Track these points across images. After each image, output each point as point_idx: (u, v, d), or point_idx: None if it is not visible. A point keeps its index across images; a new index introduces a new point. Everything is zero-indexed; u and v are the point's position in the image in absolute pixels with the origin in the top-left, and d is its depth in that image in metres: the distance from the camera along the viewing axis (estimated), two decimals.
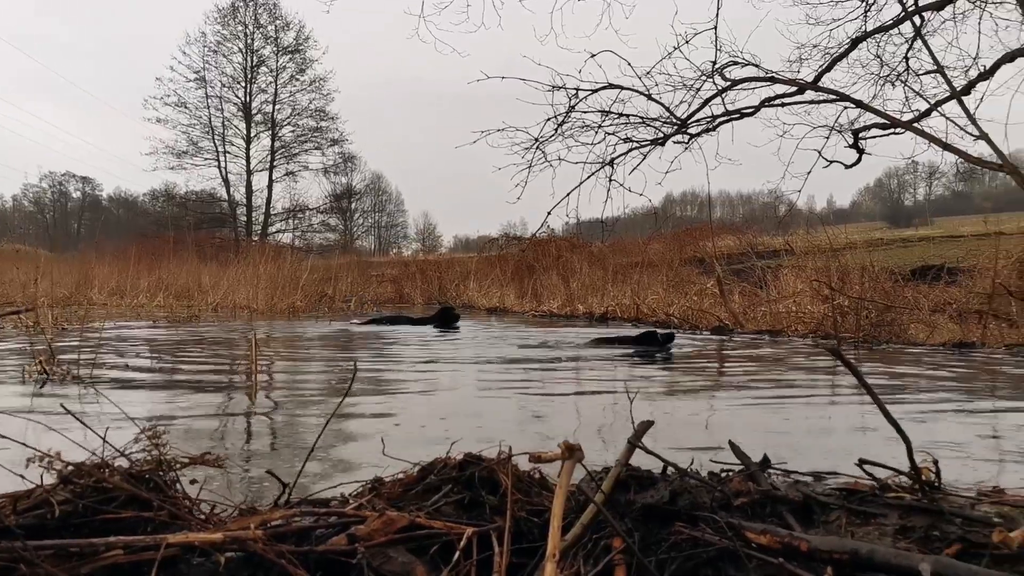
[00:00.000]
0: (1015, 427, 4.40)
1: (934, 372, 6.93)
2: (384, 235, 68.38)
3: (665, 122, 9.96)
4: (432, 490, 1.95)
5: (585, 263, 21.58)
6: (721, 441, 2.91)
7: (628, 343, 9.49)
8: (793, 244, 17.58)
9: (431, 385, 5.97)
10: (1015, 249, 13.15)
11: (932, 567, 1.80)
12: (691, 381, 6.61)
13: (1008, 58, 8.85)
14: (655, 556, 1.90)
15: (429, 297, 26.12)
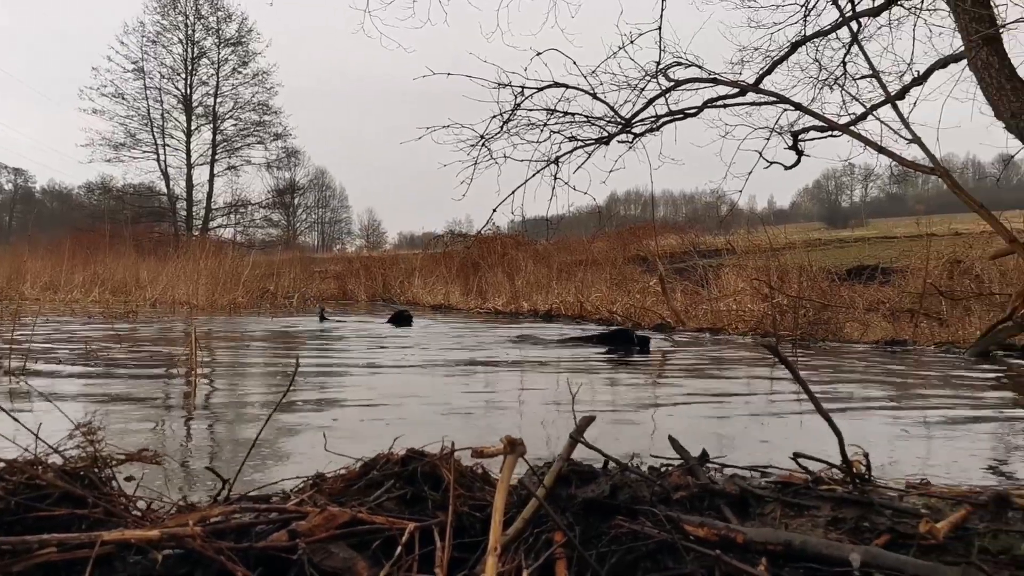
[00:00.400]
0: (943, 422, 4.55)
1: (867, 369, 7.11)
2: (328, 231, 67.70)
3: (610, 121, 10.04)
4: (374, 485, 1.94)
5: (530, 261, 21.66)
6: (662, 437, 2.96)
7: (599, 342, 9.48)
8: (734, 244, 17.88)
9: (378, 382, 5.94)
10: (945, 250, 13.55)
11: (862, 557, 1.86)
12: (631, 376, 6.68)
13: (941, 64, 9.12)
14: (596, 549, 1.93)
15: (373, 294, 25.93)
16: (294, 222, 61.56)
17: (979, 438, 4.07)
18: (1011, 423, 4.55)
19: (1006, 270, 11.45)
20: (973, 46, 7.91)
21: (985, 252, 11.16)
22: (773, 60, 10.16)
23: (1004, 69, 7.80)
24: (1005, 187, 12.77)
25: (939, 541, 1.98)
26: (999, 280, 11.52)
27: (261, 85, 54.09)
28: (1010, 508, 2.13)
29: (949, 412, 4.91)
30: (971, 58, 8.01)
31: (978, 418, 4.66)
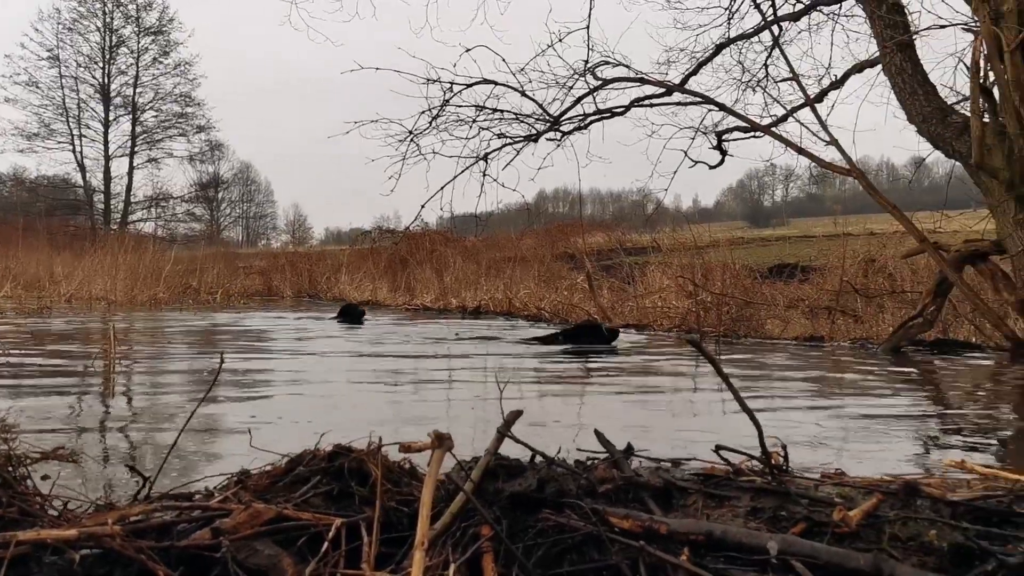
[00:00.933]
0: (857, 415, 4.71)
1: (787, 364, 7.32)
2: (252, 226, 66.30)
3: (538, 119, 10.10)
4: (301, 482, 1.93)
5: (459, 257, 21.62)
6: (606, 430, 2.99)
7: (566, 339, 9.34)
8: (660, 242, 18.15)
9: (307, 377, 5.87)
10: (861, 249, 13.99)
11: (779, 545, 1.91)
12: (561, 371, 6.75)
13: (857, 68, 9.42)
14: (522, 543, 1.95)
15: (299, 290, 25.55)
16: (218, 217, 60.18)
17: (890, 430, 4.22)
18: (918, 415, 4.74)
19: (917, 268, 11.88)
20: (888, 52, 8.19)
21: (898, 251, 11.56)
22: (698, 61, 10.36)
23: (916, 75, 8.10)
24: (917, 189, 13.25)
25: (852, 529, 2.05)
26: (911, 278, 11.95)
27: (183, 76, 52.67)
28: (919, 496, 2.22)
29: (863, 405, 5.08)
30: (886, 63, 8.29)
31: (889, 410, 4.84)
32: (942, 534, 2.02)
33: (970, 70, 7.31)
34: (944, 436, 4.08)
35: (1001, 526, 2.06)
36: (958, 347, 8.43)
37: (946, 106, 8.02)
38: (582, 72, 9.94)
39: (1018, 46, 6.99)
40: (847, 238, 13.95)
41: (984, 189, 7.68)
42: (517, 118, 10.10)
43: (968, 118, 7.44)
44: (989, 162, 7.21)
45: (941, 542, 1.99)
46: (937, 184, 11.06)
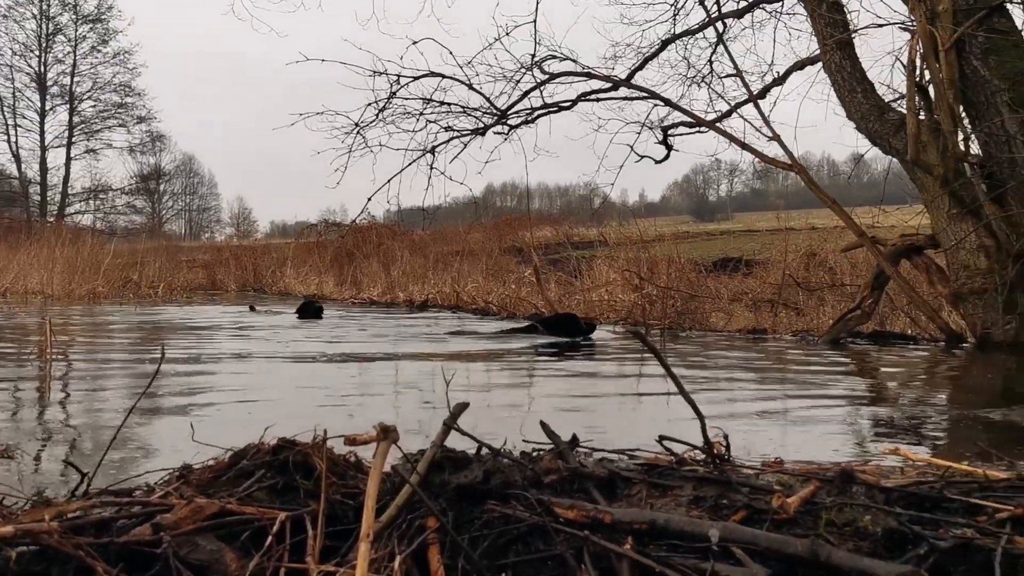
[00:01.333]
0: (797, 404, 4.81)
1: (731, 356, 7.44)
2: (196, 219, 65.09)
3: (486, 112, 10.10)
4: (244, 476, 1.91)
5: (406, 251, 21.51)
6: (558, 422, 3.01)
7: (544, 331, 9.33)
8: (607, 236, 18.28)
9: (248, 371, 5.80)
10: (802, 244, 14.29)
11: (720, 533, 1.95)
12: (502, 367, 6.77)
13: (799, 66, 9.60)
14: (468, 534, 1.96)
15: (244, 284, 25.19)
16: (160, 209, 59.01)
17: (829, 419, 4.32)
18: (856, 405, 4.86)
19: (856, 262, 12.17)
20: (828, 49, 8.35)
21: (838, 245, 11.82)
22: (644, 56, 10.44)
23: (855, 72, 8.28)
24: (856, 184, 13.55)
25: (790, 515, 2.10)
26: (850, 272, 12.23)
27: (123, 65, 51.44)
28: (854, 483, 2.28)
29: (803, 395, 5.20)
30: (826, 61, 8.46)
31: (828, 401, 4.95)
32: (876, 519, 2.07)
33: (906, 68, 7.50)
34: (879, 425, 4.19)
35: (933, 511, 2.13)
36: (894, 339, 8.66)
37: (883, 103, 8.21)
38: (529, 66, 9.97)
39: (953, 45, 7.19)
40: (789, 233, 14.22)
41: (919, 185, 7.89)
42: (464, 111, 10.09)
43: (904, 115, 7.63)
44: (924, 158, 7.40)
45: (875, 527, 2.05)
46: (875, 180, 11.35)
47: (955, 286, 7.69)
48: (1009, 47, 7.33)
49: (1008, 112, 7.19)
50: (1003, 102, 7.22)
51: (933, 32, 7.19)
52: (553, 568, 1.91)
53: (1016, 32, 7.48)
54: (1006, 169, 7.28)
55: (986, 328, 7.46)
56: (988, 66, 7.30)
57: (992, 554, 1.86)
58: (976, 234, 7.37)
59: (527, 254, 17.52)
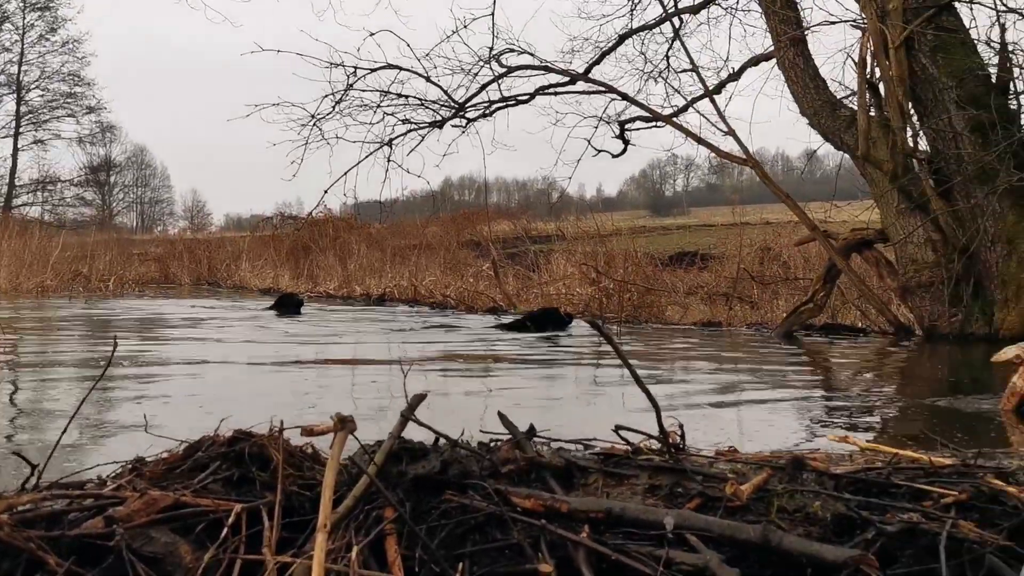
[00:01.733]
0: (751, 394, 4.89)
1: (687, 348, 7.52)
2: (148, 212, 63.94)
3: (443, 105, 10.07)
4: (200, 468, 1.89)
5: (363, 244, 21.38)
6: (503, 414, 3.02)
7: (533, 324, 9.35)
8: (564, 230, 18.36)
9: (203, 359, 5.73)
10: (757, 238, 14.49)
11: (675, 520, 1.98)
12: (463, 360, 6.77)
13: (753, 62, 9.72)
14: (426, 524, 1.96)
15: (198, 277, 24.85)
16: (110, 201, 57.88)
17: (781, 408, 4.40)
18: (807, 395, 4.96)
19: (809, 256, 12.37)
20: (782, 46, 8.47)
21: (791, 240, 12.00)
22: (602, 51, 10.49)
23: (808, 69, 8.41)
24: (809, 179, 13.76)
25: (743, 502, 2.14)
26: (803, 266, 12.43)
27: (72, 54, 50.29)
28: (805, 470, 2.32)
29: (757, 385, 5.28)
30: (780, 57, 8.58)
31: (781, 391, 5.04)
32: (826, 505, 2.12)
33: (858, 65, 7.64)
34: (830, 413, 4.28)
35: (880, 496, 2.18)
36: (845, 331, 8.82)
37: (835, 100, 8.35)
38: (487, 59, 9.96)
39: (902, 43, 7.33)
40: (744, 227, 14.41)
41: (870, 180, 8.04)
42: (422, 104, 10.05)
43: (856, 112, 7.77)
44: (874, 154, 7.55)
45: (825, 513, 2.09)
46: (828, 175, 11.55)
47: (903, 279, 7.86)
48: (957, 45, 7.50)
49: (955, 109, 7.36)
50: (950, 99, 7.38)
51: (883, 30, 7.32)
52: (510, 557, 1.92)
53: (963, 30, 7.65)
54: (953, 165, 7.45)
55: (933, 320, 7.64)
56: (936, 64, 7.46)
57: (937, 538, 1.91)
58: (924, 228, 7.54)
59: (485, 248, 17.53)
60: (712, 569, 1.81)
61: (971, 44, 7.63)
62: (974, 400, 4.32)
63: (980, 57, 7.62)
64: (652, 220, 38.32)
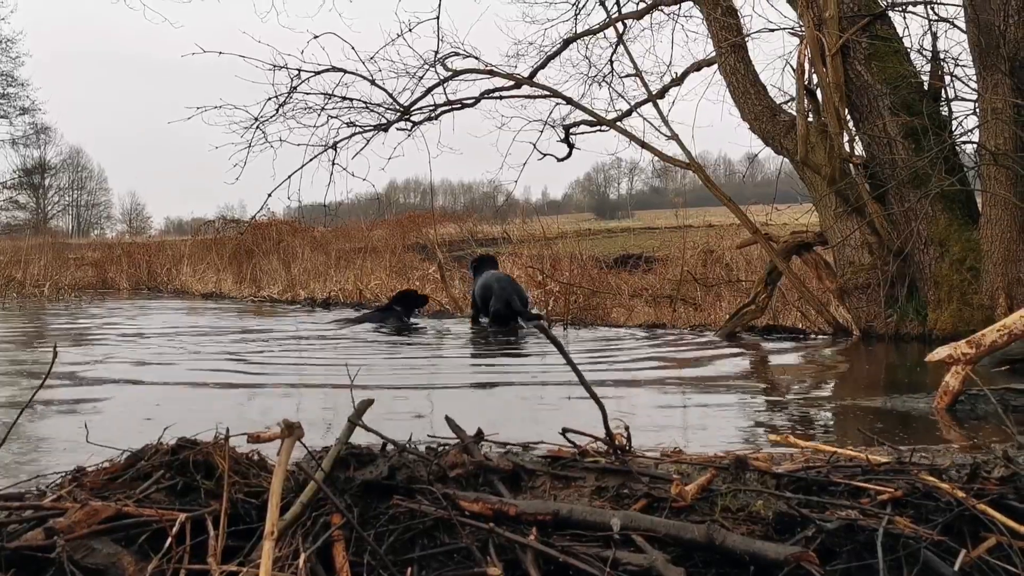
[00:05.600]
0: (695, 396, 4.96)
1: (632, 350, 7.60)
2: (84, 215, 62.38)
3: (388, 108, 10.01)
4: (142, 477, 1.86)
5: (307, 247, 21.12)
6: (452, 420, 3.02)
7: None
8: (510, 232, 18.40)
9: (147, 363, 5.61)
10: (700, 241, 14.68)
11: (621, 521, 2.01)
12: (415, 361, 6.76)
13: (696, 67, 9.85)
14: (374, 529, 1.96)
15: (137, 282, 24.30)
16: (45, 205, 56.36)
17: (725, 409, 4.48)
18: (750, 396, 5.05)
19: (751, 259, 12.57)
20: (723, 52, 8.61)
21: (734, 242, 12.18)
22: (547, 55, 10.53)
23: (749, 75, 8.55)
24: (751, 183, 14.01)
25: (688, 502, 2.18)
26: (745, 268, 12.63)
27: (5, 54, 48.85)
28: (748, 470, 2.38)
29: (701, 387, 5.36)
30: (721, 63, 8.72)
31: (724, 392, 5.13)
32: (768, 504, 2.17)
33: (796, 72, 7.79)
34: (772, 414, 4.37)
35: (820, 494, 2.24)
36: (786, 332, 8.98)
37: (775, 105, 8.51)
38: (432, 63, 9.94)
39: (839, 50, 7.51)
40: (687, 230, 14.59)
41: (808, 184, 8.21)
42: (367, 107, 9.99)
43: (795, 117, 7.93)
44: (813, 159, 7.71)
45: (767, 511, 2.14)
46: (769, 179, 11.77)
47: (841, 281, 8.04)
48: (890, 53, 7.71)
49: (889, 115, 7.56)
50: (885, 106, 7.58)
51: (820, 38, 7.49)
52: (459, 561, 1.93)
53: (897, 39, 7.87)
54: (887, 169, 7.65)
55: (869, 321, 7.83)
56: (871, 71, 7.65)
57: (875, 534, 1.97)
58: (860, 231, 7.72)
59: (431, 251, 17.47)
60: (658, 569, 1.84)
61: (904, 52, 7.85)
62: (909, 399, 4.44)
63: (913, 65, 7.85)
64: (597, 223, 38.54)
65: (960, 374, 4.15)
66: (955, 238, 7.30)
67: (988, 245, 6.97)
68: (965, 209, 7.46)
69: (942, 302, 7.30)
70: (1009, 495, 2.16)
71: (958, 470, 2.32)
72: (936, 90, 7.74)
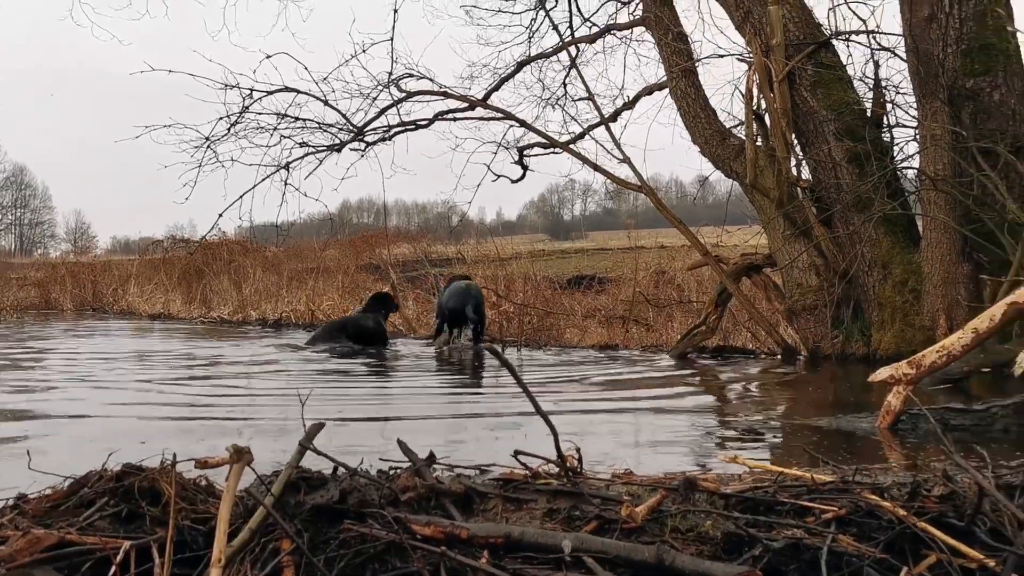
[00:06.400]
0: (648, 417, 5.00)
1: (584, 370, 7.64)
2: (27, 234, 61.05)
3: (342, 129, 9.99)
4: (86, 504, 1.83)
5: (259, 268, 20.88)
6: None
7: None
8: (464, 253, 18.38)
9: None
10: (652, 262, 14.84)
11: (572, 543, 2.02)
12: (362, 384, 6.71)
13: (647, 91, 10.01)
14: (324, 554, 1.94)
15: (82, 303, 23.79)
16: None
17: (676, 429, 4.53)
18: (700, 416, 5.11)
19: (702, 280, 12.73)
20: (674, 77, 8.76)
21: (685, 264, 12.32)
22: (501, 78, 10.61)
23: (699, 99, 8.71)
24: (702, 205, 14.22)
25: (638, 524, 2.20)
26: (696, 289, 12.79)
27: None
28: (697, 491, 2.40)
29: (652, 407, 5.41)
30: (672, 87, 8.87)
31: (675, 414, 5.18)
32: (717, 524, 2.20)
33: (745, 97, 7.96)
34: (722, 434, 4.42)
35: (767, 514, 2.27)
36: (736, 352, 9.11)
37: (725, 129, 8.67)
38: (386, 84, 9.95)
39: (785, 77, 7.69)
40: (640, 251, 14.74)
41: (758, 207, 8.36)
42: (320, 127, 9.95)
43: (744, 141, 8.09)
44: (761, 182, 7.87)
45: (716, 531, 2.17)
46: (719, 201, 11.94)
47: (789, 302, 8.19)
48: (835, 81, 7.91)
49: (834, 140, 7.75)
50: (830, 131, 7.77)
51: (768, 64, 7.67)
52: None
53: (841, 67, 8.08)
54: (833, 193, 7.83)
55: (817, 342, 7.98)
56: (817, 97, 7.84)
57: (819, 552, 2.01)
58: (808, 254, 7.88)
59: (384, 271, 17.40)
60: None
61: (848, 80, 8.06)
62: (853, 419, 4.53)
63: (856, 92, 8.06)
64: (551, 244, 38.70)
65: (902, 394, 4.25)
66: (897, 261, 7.48)
67: (928, 267, 7.15)
68: (907, 232, 7.66)
69: (885, 323, 7.46)
70: (949, 513, 2.21)
71: (899, 488, 2.37)
72: (878, 117, 7.95)
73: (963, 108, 7.11)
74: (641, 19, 9.40)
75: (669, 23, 8.81)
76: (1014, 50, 7.08)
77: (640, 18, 9.46)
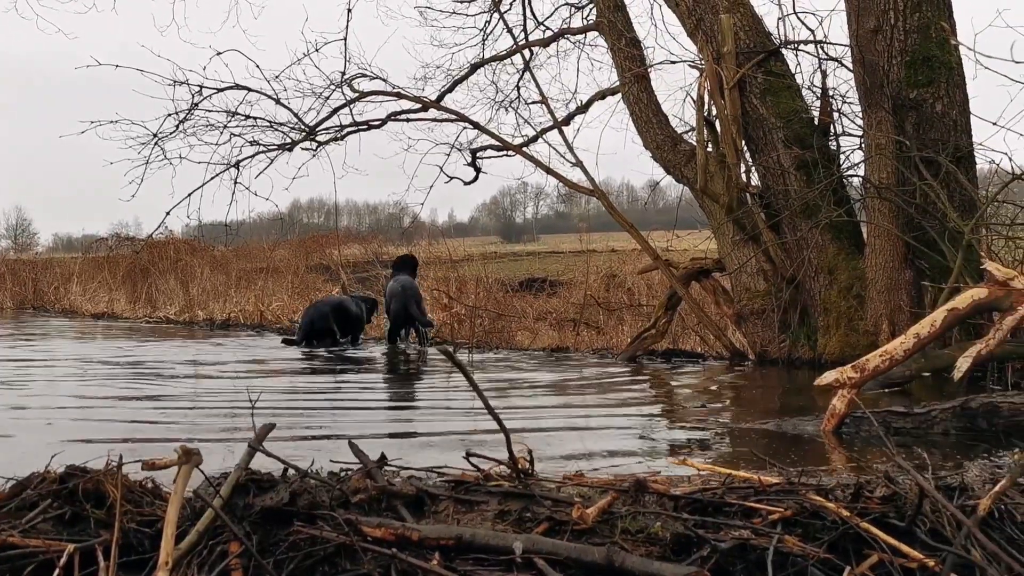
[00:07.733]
0: (598, 420, 5.04)
1: (535, 373, 7.67)
2: None
3: (293, 128, 9.90)
4: (29, 507, 1.79)
5: (207, 267, 20.56)
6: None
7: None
8: (416, 255, 18.27)
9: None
10: (603, 265, 14.94)
11: (523, 544, 2.04)
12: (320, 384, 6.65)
13: (600, 96, 10.08)
14: (273, 557, 1.93)
15: (23, 302, 23.19)
16: None
17: (626, 432, 4.57)
18: (650, 419, 5.16)
19: (652, 284, 12.85)
20: (627, 82, 8.83)
21: (635, 268, 12.42)
22: (454, 79, 10.60)
23: (651, 105, 8.79)
24: (653, 209, 14.32)
25: (589, 525, 2.22)
26: (647, 293, 12.90)
27: None
28: (647, 492, 2.43)
29: (602, 410, 5.44)
30: (625, 92, 8.94)
31: (625, 414, 5.22)
32: (666, 525, 2.23)
33: (696, 103, 8.06)
34: (671, 436, 4.47)
35: (715, 515, 2.31)
36: (686, 356, 9.21)
37: (676, 135, 8.76)
38: (339, 83, 9.88)
39: (736, 84, 7.80)
40: (591, 255, 14.83)
41: (708, 212, 8.47)
42: (271, 126, 9.85)
43: (695, 147, 8.19)
44: (712, 188, 7.97)
45: (665, 532, 2.20)
46: (670, 206, 12.05)
47: (738, 307, 8.31)
48: (784, 89, 8.05)
49: (783, 148, 7.88)
50: (779, 139, 7.90)
51: (719, 71, 7.78)
52: None
53: (790, 76, 8.22)
54: (781, 200, 7.96)
55: (764, 346, 8.10)
56: (766, 105, 7.97)
57: (766, 552, 2.05)
58: (756, 259, 8.01)
59: (335, 272, 17.26)
60: None
61: (797, 89, 8.20)
62: (799, 422, 4.61)
63: (804, 101, 8.20)
64: (503, 246, 38.72)
65: (846, 398, 4.34)
66: (843, 266, 7.63)
67: (872, 274, 7.30)
68: (852, 239, 7.82)
69: (830, 328, 7.60)
70: (891, 514, 2.27)
71: (843, 490, 2.42)
72: (825, 125, 8.10)
73: (907, 118, 7.27)
74: (595, 24, 9.46)
75: (622, 28, 8.88)
76: (956, 63, 7.26)
77: (594, 23, 9.52)
